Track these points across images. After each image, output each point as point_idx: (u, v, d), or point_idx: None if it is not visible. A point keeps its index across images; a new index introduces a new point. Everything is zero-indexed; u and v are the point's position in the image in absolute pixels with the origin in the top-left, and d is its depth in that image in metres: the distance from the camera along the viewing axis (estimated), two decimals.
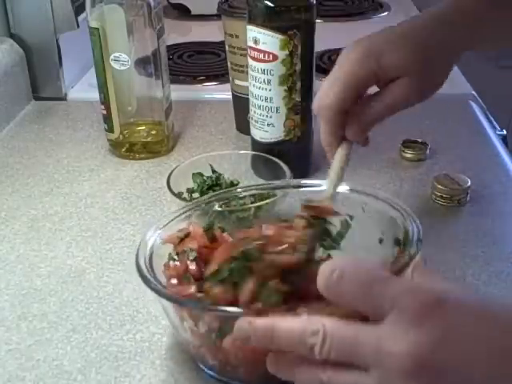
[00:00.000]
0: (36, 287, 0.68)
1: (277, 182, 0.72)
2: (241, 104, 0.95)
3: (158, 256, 0.57)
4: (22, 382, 0.56)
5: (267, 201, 0.69)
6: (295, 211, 0.64)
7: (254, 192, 0.68)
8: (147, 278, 0.53)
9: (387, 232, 0.58)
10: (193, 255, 0.57)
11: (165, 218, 0.62)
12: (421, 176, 0.86)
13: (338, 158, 0.64)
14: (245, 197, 0.67)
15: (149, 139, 0.93)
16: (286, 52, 0.78)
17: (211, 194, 0.69)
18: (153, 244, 0.58)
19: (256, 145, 0.85)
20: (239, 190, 0.70)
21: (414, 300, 0.41)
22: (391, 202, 0.59)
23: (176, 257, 0.58)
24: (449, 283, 0.45)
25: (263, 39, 0.78)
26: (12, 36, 1.07)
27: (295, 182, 0.69)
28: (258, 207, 0.69)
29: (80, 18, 1.07)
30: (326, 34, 0.93)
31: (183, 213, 0.63)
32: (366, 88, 0.64)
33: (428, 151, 0.90)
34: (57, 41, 1.08)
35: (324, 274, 0.44)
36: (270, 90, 0.80)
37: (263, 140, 0.84)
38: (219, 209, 0.65)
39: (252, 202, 0.71)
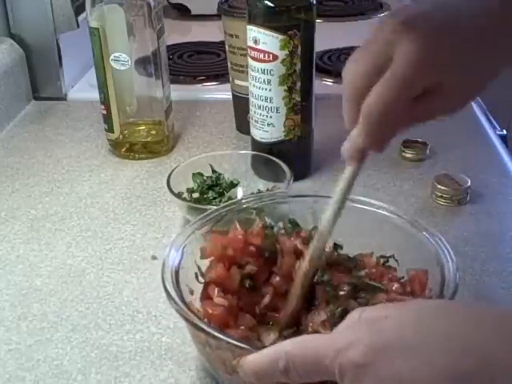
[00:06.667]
0: (36, 287, 0.68)
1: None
2: (241, 104, 0.95)
3: (184, 275, 0.55)
4: (22, 381, 0.56)
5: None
6: (295, 212, 0.65)
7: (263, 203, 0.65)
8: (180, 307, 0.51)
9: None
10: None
11: (180, 234, 0.59)
12: (421, 176, 0.86)
13: (345, 176, 0.54)
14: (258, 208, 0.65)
15: (149, 139, 0.93)
16: (286, 52, 0.78)
17: (224, 204, 0.66)
18: (178, 264, 0.55)
19: (256, 145, 0.85)
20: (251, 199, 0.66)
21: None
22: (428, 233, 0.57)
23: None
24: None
25: (263, 39, 0.78)
26: (12, 36, 1.07)
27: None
28: (259, 208, 0.69)
29: (80, 17, 1.07)
30: (326, 34, 0.93)
31: (200, 226, 0.61)
32: None
33: (428, 151, 0.90)
34: (57, 41, 1.08)
35: (268, 361, 0.44)
36: (269, 90, 0.80)
37: (263, 140, 0.84)
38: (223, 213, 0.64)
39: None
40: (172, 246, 0.57)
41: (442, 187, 0.79)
